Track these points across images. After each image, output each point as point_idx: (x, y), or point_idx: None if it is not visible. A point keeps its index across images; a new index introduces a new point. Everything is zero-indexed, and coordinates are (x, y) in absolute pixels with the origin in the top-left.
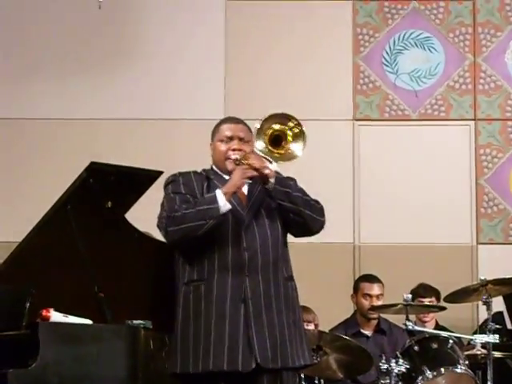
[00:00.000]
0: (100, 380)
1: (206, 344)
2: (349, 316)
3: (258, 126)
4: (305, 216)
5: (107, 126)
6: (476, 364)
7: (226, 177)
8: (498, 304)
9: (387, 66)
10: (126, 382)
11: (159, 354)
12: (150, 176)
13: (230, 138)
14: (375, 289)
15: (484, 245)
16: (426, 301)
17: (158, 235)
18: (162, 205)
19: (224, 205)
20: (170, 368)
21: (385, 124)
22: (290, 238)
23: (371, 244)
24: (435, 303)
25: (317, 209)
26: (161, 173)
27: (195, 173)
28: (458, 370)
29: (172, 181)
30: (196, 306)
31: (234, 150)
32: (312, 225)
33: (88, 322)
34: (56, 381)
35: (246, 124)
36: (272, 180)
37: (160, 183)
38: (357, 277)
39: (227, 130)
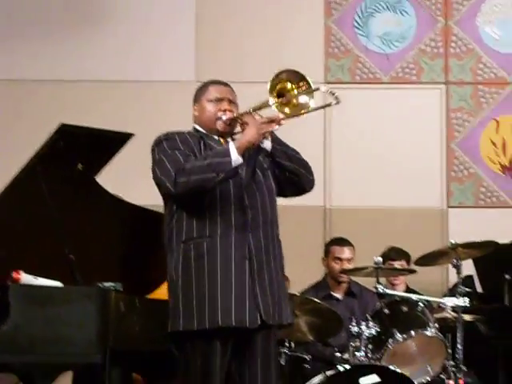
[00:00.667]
0: (71, 342)
1: (213, 301)
2: (320, 279)
3: (269, 84)
4: (300, 175)
5: (77, 87)
6: (446, 327)
7: (216, 137)
8: (468, 268)
9: (359, 28)
10: (96, 343)
11: (130, 316)
12: (121, 138)
13: (220, 100)
14: (346, 252)
15: (454, 208)
16: (397, 264)
17: (129, 198)
18: (159, 162)
19: (236, 159)
20: (172, 326)
21: (356, 87)
22: None
23: (342, 207)
24: (406, 266)
25: (308, 168)
26: (131, 135)
27: (188, 133)
28: (428, 333)
29: (166, 138)
30: (198, 263)
31: (224, 110)
32: (306, 184)
33: (58, 284)
34: (26, 343)
35: (230, 86)
36: (269, 139)
37: (130, 146)
38: (328, 240)
39: (217, 91)
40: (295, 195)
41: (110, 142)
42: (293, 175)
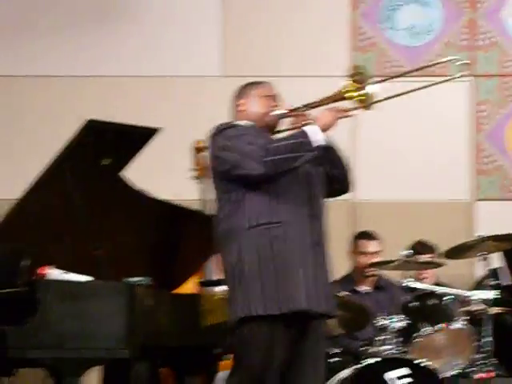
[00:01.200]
0: (98, 337)
1: (296, 284)
2: (347, 273)
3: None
4: (347, 173)
5: (102, 83)
6: (474, 320)
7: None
8: (493, 261)
9: (385, 22)
10: (123, 339)
11: (158, 311)
12: (148, 133)
13: (272, 96)
14: (372, 246)
15: (482, 201)
16: (425, 257)
17: (155, 193)
18: (233, 145)
19: (316, 140)
20: (250, 310)
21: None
22: None
23: (369, 201)
24: (433, 260)
25: (351, 170)
26: (158, 130)
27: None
28: (457, 326)
29: (230, 126)
30: (274, 247)
31: (275, 106)
32: (347, 185)
33: (87, 278)
34: (55, 338)
35: None
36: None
37: (156, 140)
38: (353, 234)
39: (269, 88)
40: (335, 195)
41: (137, 137)
42: (342, 172)
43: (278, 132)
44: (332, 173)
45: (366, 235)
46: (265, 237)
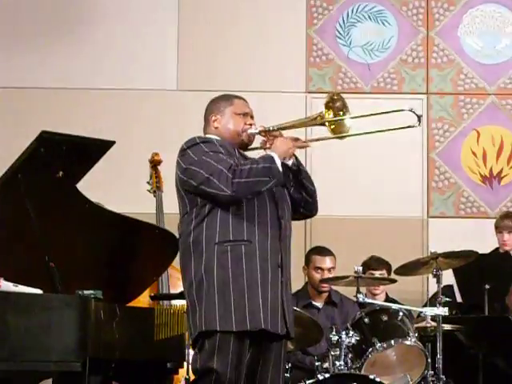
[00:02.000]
0: (50, 349)
1: (253, 303)
2: (300, 288)
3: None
4: (314, 197)
5: (58, 95)
6: (426, 336)
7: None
8: (448, 278)
9: (340, 38)
10: (75, 352)
11: (110, 324)
12: (102, 146)
13: (246, 114)
14: (327, 262)
15: (435, 218)
16: (377, 273)
17: (109, 206)
18: (201, 163)
19: (280, 166)
20: (208, 325)
21: None
22: None
23: (323, 216)
24: (386, 276)
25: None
26: (113, 143)
27: (216, 140)
28: (408, 343)
29: (203, 141)
30: (236, 265)
31: (250, 124)
32: (315, 206)
33: (38, 291)
34: (6, 350)
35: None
36: (292, 158)
37: (111, 152)
38: (308, 249)
39: (243, 106)
40: (301, 218)
41: (91, 150)
42: (308, 197)
43: (251, 149)
44: (297, 196)
45: (320, 251)
46: (229, 254)
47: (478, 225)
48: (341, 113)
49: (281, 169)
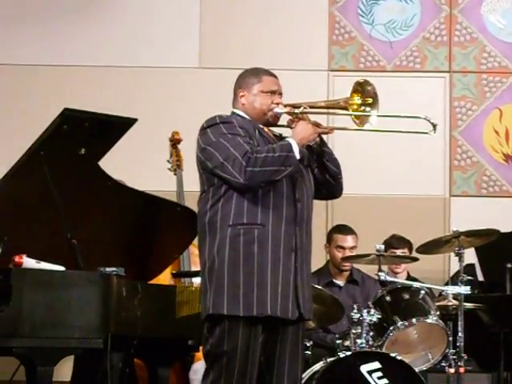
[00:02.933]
0: (72, 326)
1: (262, 289)
2: (322, 266)
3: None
4: (337, 179)
5: (81, 72)
6: (447, 315)
7: (261, 126)
8: (469, 257)
9: (363, 16)
10: (97, 328)
11: (132, 301)
12: (125, 123)
13: (274, 92)
14: (349, 241)
15: (457, 197)
16: (399, 252)
17: (132, 184)
18: (217, 145)
19: (298, 154)
20: (215, 309)
21: (360, 75)
22: None
23: (345, 195)
24: (407, 254)
25: (342, 174)
26: (135, 120)
27: (241, 117)
28: (429, 321)
29: (223, 122)
30: (247, 249)
31: (277, 103)
32: (338, 189)
33: (61, 268)
34: (28, 327)
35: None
36: (318, 140)
37: (133, 130)
38: (329, 227)
39: (272, 83)
40: (324, 198)
41: (114, 127)
42: (332, 179)
43: (277, 127)
44: (320, 177)
45: (342, 229)
46: (241, 237)
47: (500, 203)
48: (369, 100)
49: (298, 156)
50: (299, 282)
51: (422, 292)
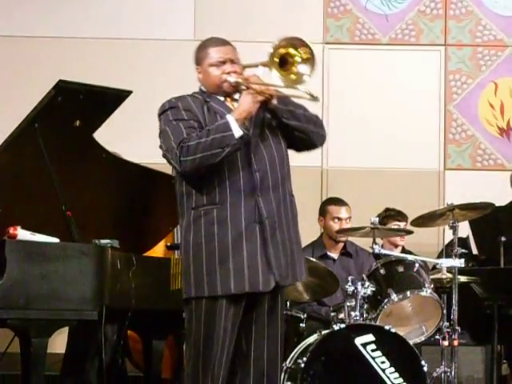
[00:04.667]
0: (66, 298)
1: (224, 266)
2: (315, 239)
3: (271, 49)
4: (308, 132)
5: (76, 44)
6: (441, 288)
7: (221, 98)
8: (462, 230)
9: None
10: (91, 300)
11: (126, 274)
12: (119, 95)
13: (223, 62)
14: (344, 211)
15: (451, 170)
16: (402, 224)
17: (126, 155)
18: (164, 134)
19: (238, 131)
20: (185, 293)
21: (355, 48)
22: None
23: (339, 168)
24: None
25: (319, 123)
26: (130, 92)
27: (191, 96)
28: (424, 294)
29: (170, 107)
30: (208, 229)
31: (228, 72)
32: (316, 140)
33: (55, 240)
34: (22, 299)
35: (230, 43)
36: (275, 100)
37: (128, 103)
38: (325, 200)
39: (218, 53)
40: (306, 150)
41: (109, 99)
42: (302, 134)
43: (241, 92)
44: (291, 134)
45: (336, 201)
46: (202, 219)
47: (495, 177)
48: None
49: (238, 133)
50: (271, 251)
51: (417, 265)
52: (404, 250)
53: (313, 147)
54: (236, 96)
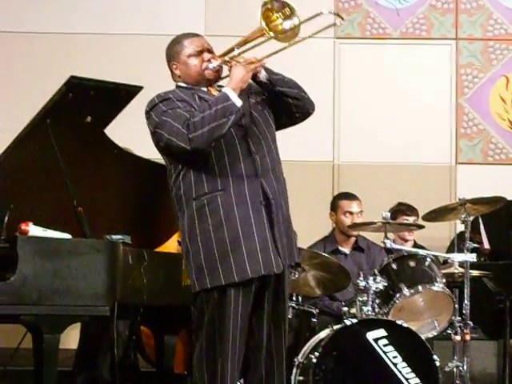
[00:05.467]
0: (78, 294)
1: (238, 253)
2: (327, 234)
3: (259, 14)
4: (302, 98)
5: (88, 40)
6: (453, 282)
7: (204, 89)
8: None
9: None
10: (103, 296)
11: (138, 269)
12: (130, 91)
13: (201, 52)
14: (356, 206)
15: (463, 164)
16: (411, 219)
17: (138, 151)
18: (163, 123)
19: (237, 100)
20: (199, 285)
21: (366, 42)
22: None
23: (351, 163)
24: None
25: (304, 90)
26: (141, 88)
27: (179, 88)
28: (435, 288)
29: (163, 99)
30: (215, 216)
31: (208, 60)
32: (309, 106)
33: (67, 236)
34: (34, 295)
35: (201, 35)
36: (263, 71)
37: (139, 99)
38: (336, 194)
39: (193, 43)
40: (301, 120)
41: (120, 95)
42: (296, 100)
43: (221, 80)
44: (285, 104)
45: (348, 196)
46: (207, 207)
47: (507, 171)
48: (287, 11)
49: (238, 102)
50: (276, 231)
51: (428, 259)
52: (416, 245)
53: (307, 114)
54: (220, 83)
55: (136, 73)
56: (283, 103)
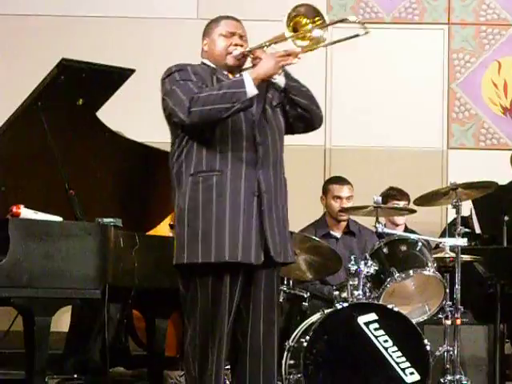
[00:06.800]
0: (70, 277)
1: (220, 234)
2: (318, 218)
3: (285, 17)
4: (312, 111)
5: (79, 23)
6: (444, 267)
7: (225, 72)
8: (465, 209)
9: None
10: (94, 279)
11: (129, 252)
12: (122, 74)
13: (232, 34)
14: (345, 190)
15: (455, 149)
16: (401, 203)
17: (129, 134)
18: (172, 92)
19: (251, 90)
20: (177, 259)
21: (358, 26)
22: None
23: (342, 147)
24: (407, 206)
25: (318, 104)
26: (133, 71)
27: (200, 66)
28: (427, 273)
29: (179, 69)
30: (206, 196)
31: (235, 45)
32: (316, 120)
33: (58, 219)
34: (25, 276)
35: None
36: (282, 75)
37: (130, 81)
38: (327, 178)
39: (229, 25)
40: (304, 132)
41: (112, 78)
42: (305, 112)
43: (242, 71)
44: (294, 112)
45: (338, 180)
46: (200, 185)
47: (498, 156)
48: (318, 20)
49: (252, 92)
50: (267, 226)
51: (420, 244)
52: (407, 229)
53: (311, 128)
54: (237, 73)
55: (128, 56)
56: (293, 110)
